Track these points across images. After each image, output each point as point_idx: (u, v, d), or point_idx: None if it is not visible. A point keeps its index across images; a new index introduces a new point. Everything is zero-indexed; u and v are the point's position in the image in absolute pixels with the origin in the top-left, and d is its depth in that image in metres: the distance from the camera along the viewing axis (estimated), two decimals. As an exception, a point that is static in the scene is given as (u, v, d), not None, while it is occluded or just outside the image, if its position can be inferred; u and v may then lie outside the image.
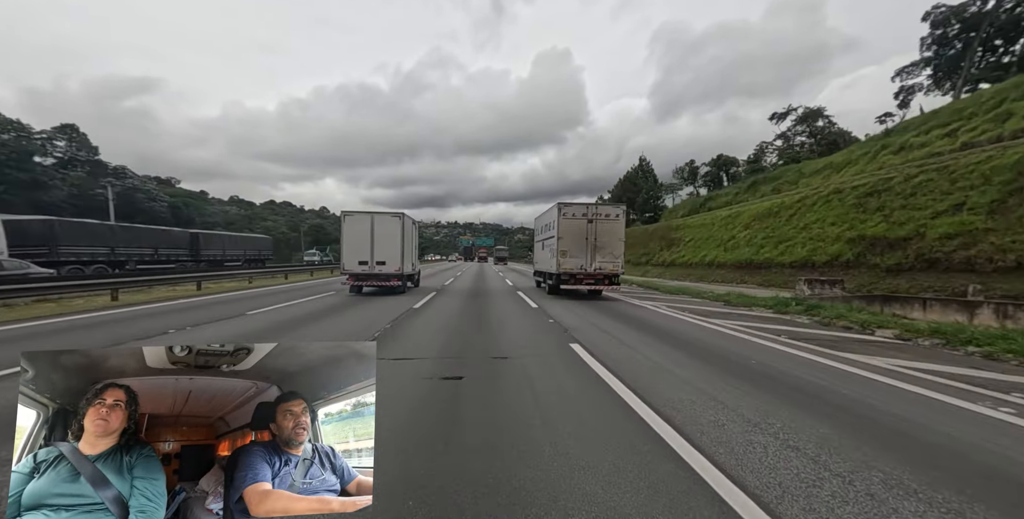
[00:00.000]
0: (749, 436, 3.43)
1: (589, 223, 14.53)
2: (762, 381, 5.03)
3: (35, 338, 7.59)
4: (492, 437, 3.32)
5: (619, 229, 14.71)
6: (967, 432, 3.59)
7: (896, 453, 3.18)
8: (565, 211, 14.61)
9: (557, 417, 3.77)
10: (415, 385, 4.69)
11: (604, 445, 3.22)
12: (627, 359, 6.05)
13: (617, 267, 14.64)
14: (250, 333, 7.90)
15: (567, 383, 4.85)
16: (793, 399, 4.39)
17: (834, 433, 3.52)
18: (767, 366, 5.74)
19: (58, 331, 8.19)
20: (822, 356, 6.36)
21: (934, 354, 6.65)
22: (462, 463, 2.91)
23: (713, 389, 4.69)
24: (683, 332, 8.40)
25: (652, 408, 4.02)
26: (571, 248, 14.50)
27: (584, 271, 14.49)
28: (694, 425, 3.65)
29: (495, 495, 2.53)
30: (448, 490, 2.57)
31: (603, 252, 14.53)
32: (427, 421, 3.66)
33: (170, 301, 13.45)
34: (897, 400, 4.42)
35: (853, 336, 8.17)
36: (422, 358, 5.93)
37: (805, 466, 2.95)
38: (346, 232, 15.23)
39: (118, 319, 9.60)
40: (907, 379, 5.19)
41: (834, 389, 4.75)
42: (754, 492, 2.60)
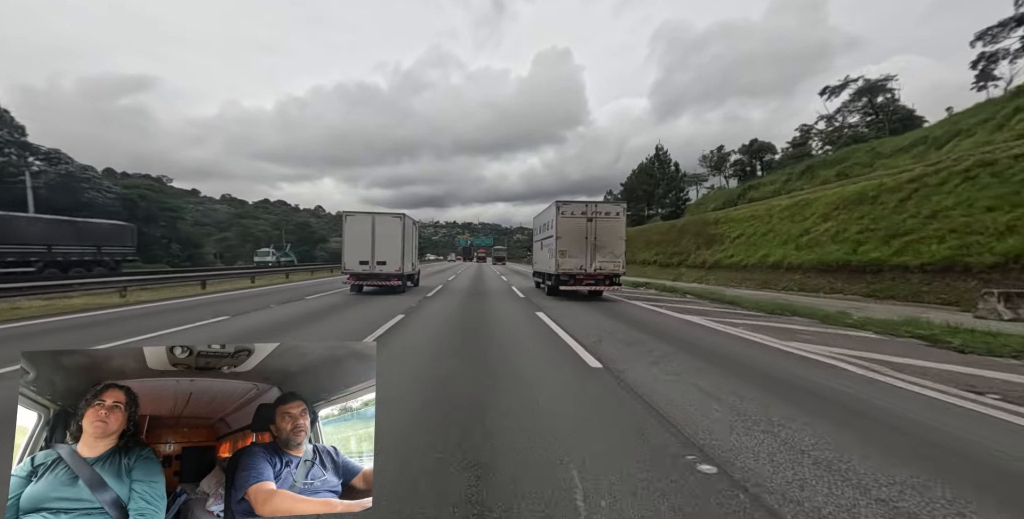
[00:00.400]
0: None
1: (589, 222, 14.27)
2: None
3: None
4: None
5: (620, 228, 14.48)
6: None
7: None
8: (564, 210, 14.30)
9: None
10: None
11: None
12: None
13: (618, 267, 14.38)
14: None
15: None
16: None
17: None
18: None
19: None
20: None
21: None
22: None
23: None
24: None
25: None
26: (570, 248, 14.23)
27: (584, 271, 14.22)
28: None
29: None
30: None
31: (603, 252, 14.27)
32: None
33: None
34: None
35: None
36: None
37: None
38: (347, 232, 15.46)
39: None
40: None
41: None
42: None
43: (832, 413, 4.15)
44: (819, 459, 3.18)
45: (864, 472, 2.99)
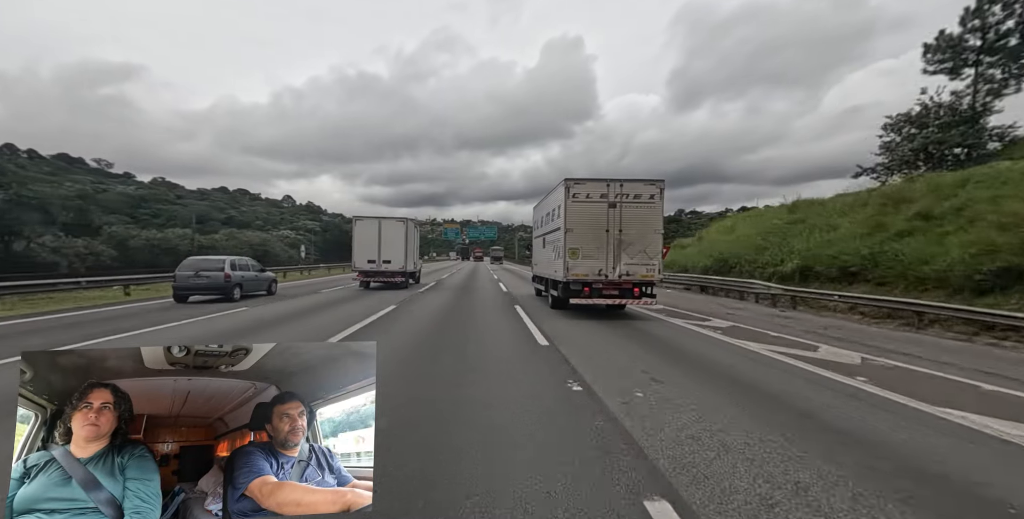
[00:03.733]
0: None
1: (611, 208, 10.29)
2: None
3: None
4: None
5: (655, 217, 10.40)
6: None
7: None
8: (576, 191, 10.32)
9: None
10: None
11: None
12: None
13: (652, 271, 10.34)
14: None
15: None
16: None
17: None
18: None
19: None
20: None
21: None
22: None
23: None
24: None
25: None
26: (585, 245, 10.30)
27: (604, 278, 10.27)
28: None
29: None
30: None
31: (632, 250, 10.30)
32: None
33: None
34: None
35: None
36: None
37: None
38: (356, 234, 17.39)
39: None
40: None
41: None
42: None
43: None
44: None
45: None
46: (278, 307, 11.90)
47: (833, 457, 3.19)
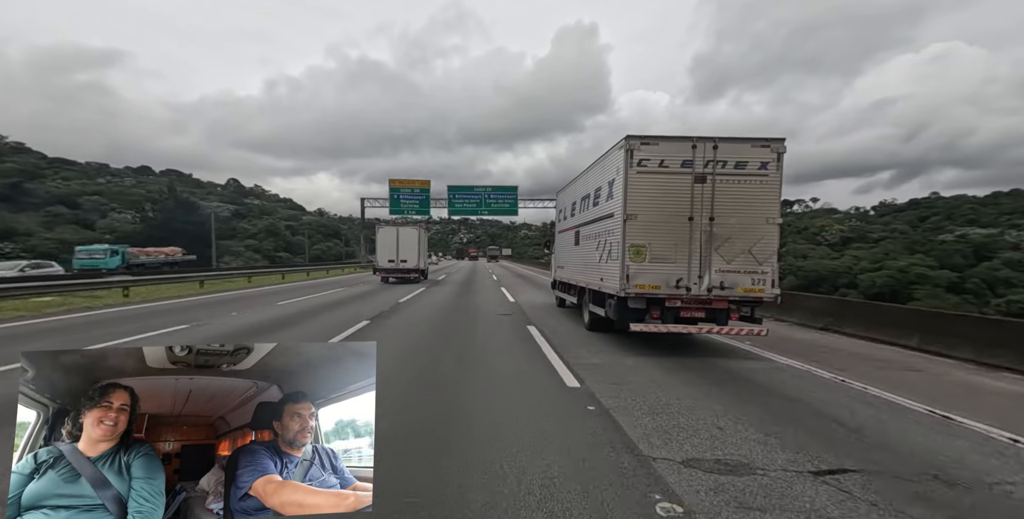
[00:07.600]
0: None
1: (699, 183, 6.66)
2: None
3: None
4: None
5: (770, 197, 6.72)
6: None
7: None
8: (643, 155, 6.66)
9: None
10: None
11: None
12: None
13: (763, 283, 6.67)
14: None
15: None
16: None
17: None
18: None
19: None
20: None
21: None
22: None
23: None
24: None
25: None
26: (655, 240, 6.72)
27: (685, 292, 6.68)
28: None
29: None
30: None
31: (730, 249, 6.70)
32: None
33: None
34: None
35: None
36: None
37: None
38: (380, 238, 21.48)
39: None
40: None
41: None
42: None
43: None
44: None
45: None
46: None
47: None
